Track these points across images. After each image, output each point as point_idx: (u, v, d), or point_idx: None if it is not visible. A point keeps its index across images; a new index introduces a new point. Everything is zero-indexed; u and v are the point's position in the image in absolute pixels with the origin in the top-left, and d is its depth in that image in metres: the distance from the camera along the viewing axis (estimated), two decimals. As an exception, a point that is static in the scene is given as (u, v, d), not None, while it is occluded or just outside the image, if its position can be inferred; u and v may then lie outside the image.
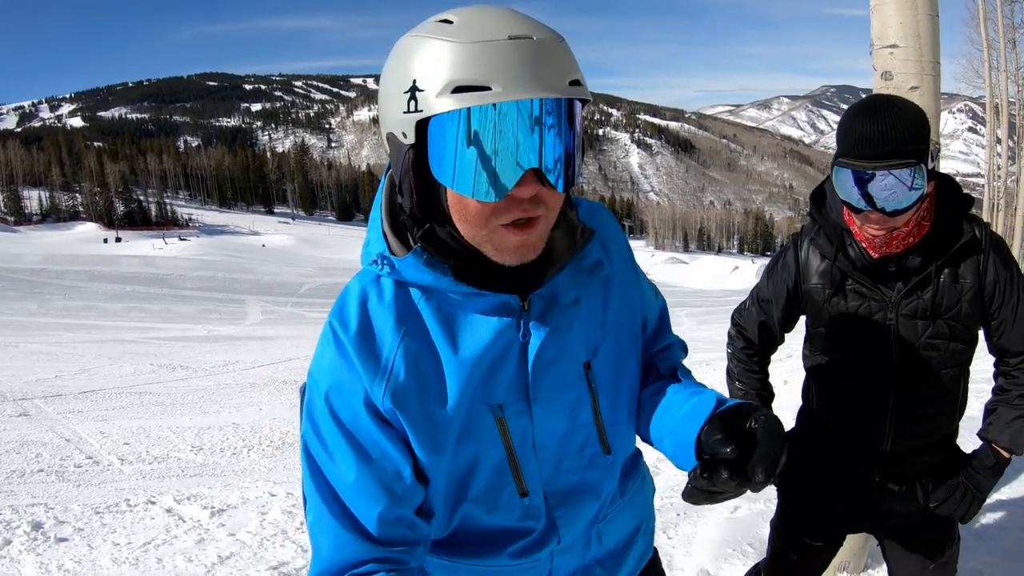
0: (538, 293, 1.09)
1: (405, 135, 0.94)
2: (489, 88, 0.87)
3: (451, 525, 1.17)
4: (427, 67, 0.90)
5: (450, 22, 0.91)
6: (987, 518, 3.64)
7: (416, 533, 1.09)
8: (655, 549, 1.50)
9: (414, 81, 0.91)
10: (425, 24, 0.95)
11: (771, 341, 2.14)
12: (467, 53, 0.88)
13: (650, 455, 1.45)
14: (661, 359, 1.34)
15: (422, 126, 0.93)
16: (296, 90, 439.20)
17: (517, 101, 0.88)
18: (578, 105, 0.96)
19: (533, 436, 1.13)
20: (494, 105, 0.88)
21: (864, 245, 1.78)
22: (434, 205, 1.01)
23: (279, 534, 4.20)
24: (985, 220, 1.85)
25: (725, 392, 1.83)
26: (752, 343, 2.14)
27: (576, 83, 0.93)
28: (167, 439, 7.35)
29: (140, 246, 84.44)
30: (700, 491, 0.98)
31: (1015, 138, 17.07)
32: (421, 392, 1.05)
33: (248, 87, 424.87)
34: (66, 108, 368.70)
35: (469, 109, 0.88)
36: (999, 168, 17.92)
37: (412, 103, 0.91)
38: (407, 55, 0.93)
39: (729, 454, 0.97)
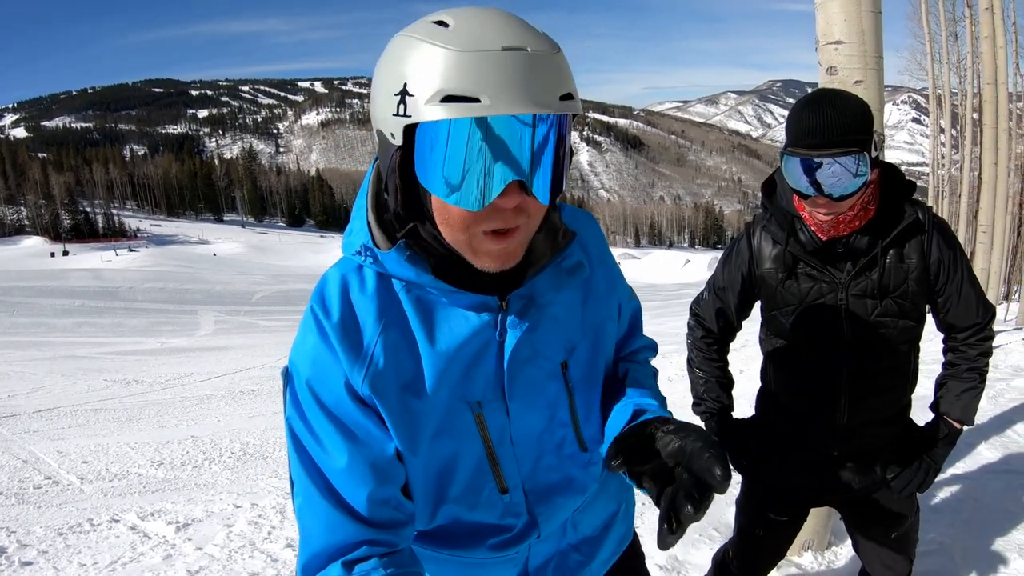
0: (516, 293, 1.10)
1: (393, 136, 0.94)
2: (478, 100, 0.86)
3: (433, 523, 1.18)
4: (418, 72, 0.89)
5: (446, 25, 0.90)
6: (944, 492, 3.77)
7: (403, 513, 1.09)
8: (635, 533, 1.52)
9: (404, 85, 0.90)
10: (420, 24, 0.93)
11: (729, 328, 2.21)
12: (459, 62, 0.86)
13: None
14: (625, 364, 1.35)
15: (410, 130, 0.93)
16: (243, 95, 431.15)
17: (505, 115, 0.87)
18: (568, 118, 0.95)
19: (511, 433, 1.15)
20: (482, 118, 0.87)
21: (813, 229, 1.86)
22: (418, 206, 1.01)
23: (247, 545, 4.17)
24: (930, 206, 1.93)
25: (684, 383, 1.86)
26: (711, 331, 2.20)
27: (568, 96, 0.92)
28: (126, 455, 7.22)
29: (88, 259, 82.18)
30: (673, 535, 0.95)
31: (958, 128, 17.52)
32: (399, 381, 1.06)
33: (194, 93, 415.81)
34: (8, 118, 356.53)
35: (456, 120, 0.87)
36: (943, 157, 18.39)
37: (402, 107, 0.90)
38: (400, 56, 0.92)
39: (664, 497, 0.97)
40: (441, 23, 0.91)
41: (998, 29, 11.30)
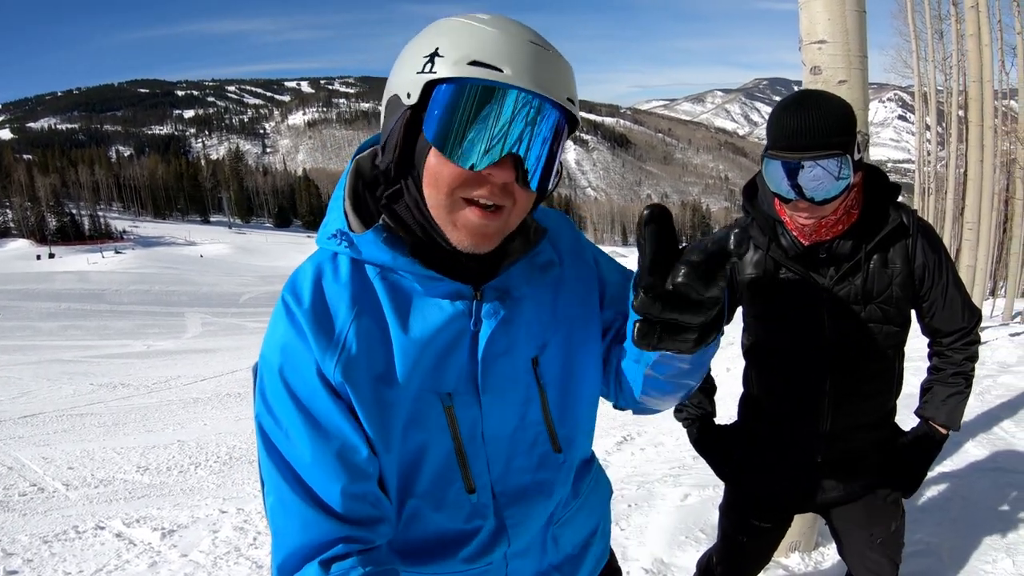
0: (491, 285, 1.11)
1: (409, 95, 0.99)
2: (501, 71, 0.95)
3: (401, 521, 1.15)
4: (453, 40, 0.98)
5: (483, 19, 1.00)
6: (931, 491, 3.77)
7: (380, 510, 1.06)
8: (611, 550, 1.50)
9: (436, 48, 0.98)
10: (458, 15, 1.04)
11: None
12: (492, 38, 0.97)
13: (598, 449, 1.46)
14: None
15: (428, 90, 0.98)
16: (229, 95, 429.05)
17: (520, 90, 0.95)
18: (564, 125, 1.02)
19: (482, 428, 1.13)
20: (499, 86, 0.95)
21: (795, 234, 1.84)
22: (410, 167, 1.04)
23: (232, 552, 4.14)
24: (916, 204, 1.92)
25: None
26: None
27: (572, 102, 1.02)
28: (112, 461, 7.17)
29: (74, 261, 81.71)
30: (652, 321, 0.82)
31: (943, 125, 17.62)
32: (371, 369, 1.04)
33: (180, 93, 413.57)
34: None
35: (477, 81, 0.95)
36: (929, 154, 18.52)
37: (429, 65, 0.98)
38: (437, 29, 1.02)
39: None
40: (478, 17, 1.02)
41: (983, 27, 11.38)
